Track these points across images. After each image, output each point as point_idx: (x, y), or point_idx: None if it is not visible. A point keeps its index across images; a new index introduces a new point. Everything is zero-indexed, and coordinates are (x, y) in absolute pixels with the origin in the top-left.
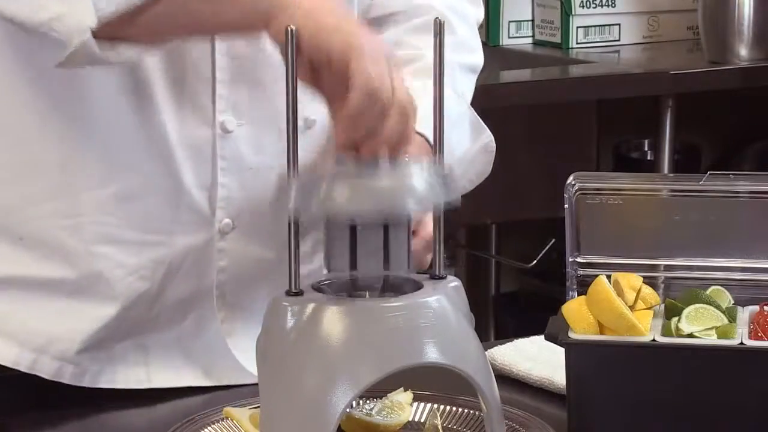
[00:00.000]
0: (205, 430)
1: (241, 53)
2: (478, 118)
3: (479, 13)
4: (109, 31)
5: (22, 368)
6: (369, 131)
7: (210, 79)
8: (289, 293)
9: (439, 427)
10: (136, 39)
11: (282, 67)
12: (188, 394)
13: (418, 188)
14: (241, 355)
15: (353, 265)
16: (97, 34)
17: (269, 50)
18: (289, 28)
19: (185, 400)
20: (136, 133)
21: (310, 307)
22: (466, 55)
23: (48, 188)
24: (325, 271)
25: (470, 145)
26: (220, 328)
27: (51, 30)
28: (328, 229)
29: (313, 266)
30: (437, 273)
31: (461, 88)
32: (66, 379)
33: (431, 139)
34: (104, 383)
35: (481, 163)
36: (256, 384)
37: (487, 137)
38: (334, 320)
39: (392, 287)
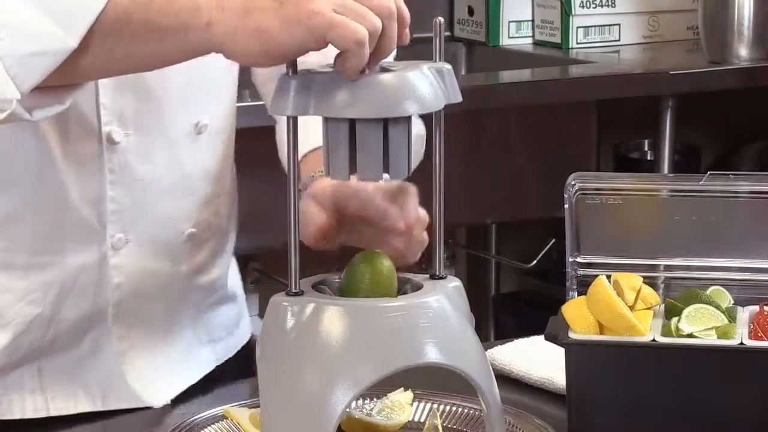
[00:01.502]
0: (205, 430)
1: None
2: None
3: None
4: (36, 90)
5: None
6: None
7: (93, 89)
8: (289, 293)
9: (439, 427)
10: (67, 83)
11: (166, 72)
12: (85, 420)
13: (418, 87)
14: (133, 378)
15: (352, 166)
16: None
17: None
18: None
19: (82, 427)
20: (15, 152)
21: (310, 307)
22: None
23: None
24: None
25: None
26: (117, 349)
27: None
28: (327, 130)
29: (212, 276)
30: (437, 273)
31: None
32: None
33: None
34: (1, 414)
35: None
36: (149, 408)
37: (417, 123)
38: (334, 320)
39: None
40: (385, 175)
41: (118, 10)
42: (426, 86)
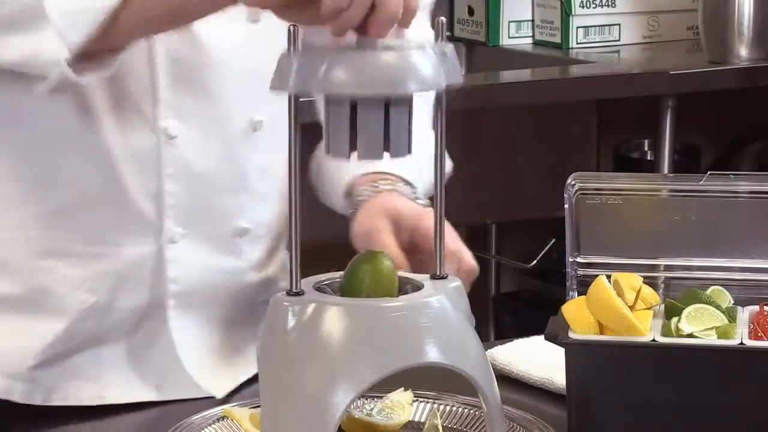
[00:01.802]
0: (205, 430)
1: (181, 56)
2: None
3: None
4: (84, 51)
5: None
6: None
7: (150, 84)
8: (289, 293)
9: (439, 426)
10: (111, 47)
11: (223, 68)
12: (139, 409)
13: (420, 67)
14: (193, 369)
15: (353, 145)
16: (71, 60)
17: (209, 50)
18: (291, 28)
19: (137, 415)
20: (75, 146)
21: (311, 307)
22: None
23: None
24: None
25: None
26: (172, 340)
27: (26, 68)
28: (328, 109)
29: (267, 273)
30: (438, 273)
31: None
32: (16, 398)
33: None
34: (56, 401)
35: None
36: (208, 398)
37: (448, 167)
38: (334, 320)
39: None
40: (386, 155)
41: None
42: (428, 66)
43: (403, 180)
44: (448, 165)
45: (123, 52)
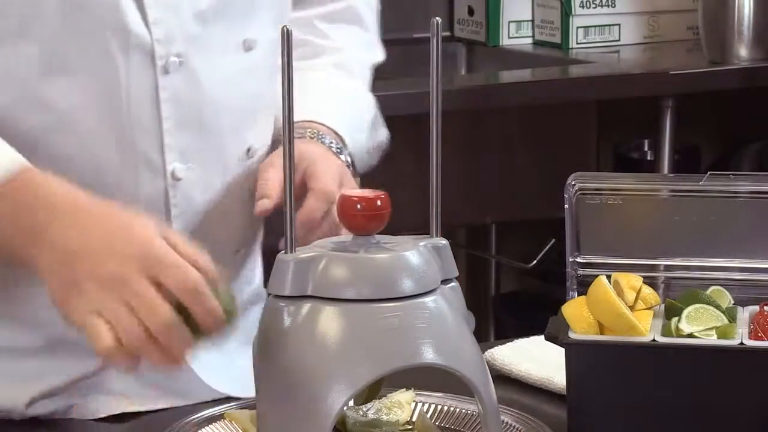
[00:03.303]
0: (205, 430)
1: (184, 99)
2: (379, 114)
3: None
4: None
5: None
6: None
7: (158, 130)
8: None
9: (426, 424)
10: None
11: (219, 102)
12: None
13: (415, 265)
14: (206, 375)
15: None
16: None
17: (206, 86)
18: (284, 29)
19: (132, 416)
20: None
21: (306, 307)
22: (375, 54)
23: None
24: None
25: (370, 141)
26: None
27: None
28: None
29: (257, 285)
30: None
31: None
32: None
33: (341, 134)
34: (89, 414)
35: (374, 158)
36: (220, 399)
37: (383, 134)
38: (330, 321)
39: None
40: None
41: None
42: (422, 264)
43: (335, 133)
44: (384, 134)
45: None
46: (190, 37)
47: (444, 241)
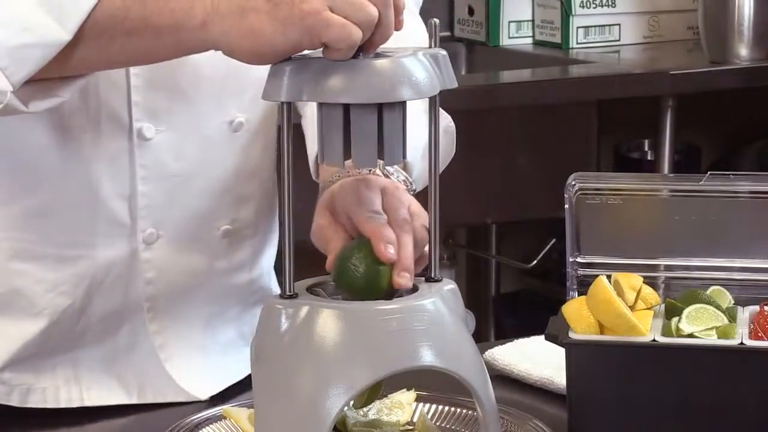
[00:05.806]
0: (205, 430)
1: None
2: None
3: None
4: (30, 81)
5: None
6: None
7: (125, 86)
8: (283, 296)
9: (427, 424)
10: (65, 75)
11: (200, 70)
12: (120, 413)
13: (414, 73)
14: (176, 372)
15: (347, 151)
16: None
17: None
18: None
19: (117, 420)
20: (48, 149)
21: (305, 309)
22: None
23: None
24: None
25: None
26: (153, 343)
27: None
28: (321, 116)
29: (252, 275)
30: (433, 275)
31: None
32: None
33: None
34: (33, 403)
35: (444, 145)
36: (193, 402)
37: (445, 118)
38: (328, 323)
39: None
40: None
41: (114, 4)
42: (421, 72)
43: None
44: (450, 123)
45: (80, 81)
46: None
47: (443, 52)
